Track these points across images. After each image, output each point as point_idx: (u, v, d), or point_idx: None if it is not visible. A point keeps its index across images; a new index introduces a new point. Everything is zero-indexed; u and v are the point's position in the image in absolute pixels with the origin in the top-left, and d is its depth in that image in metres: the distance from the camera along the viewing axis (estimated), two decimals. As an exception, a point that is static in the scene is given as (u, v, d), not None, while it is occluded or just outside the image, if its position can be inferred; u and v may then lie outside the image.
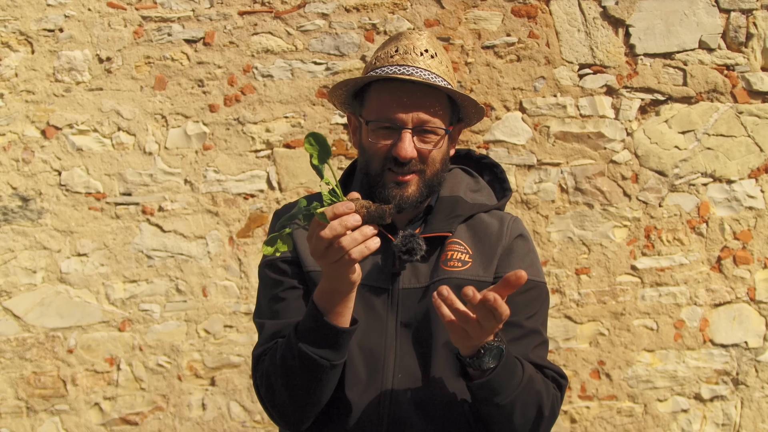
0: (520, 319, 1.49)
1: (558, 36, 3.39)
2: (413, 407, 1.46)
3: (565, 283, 3.43)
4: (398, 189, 1.49)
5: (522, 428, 1.42)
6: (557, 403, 1.48)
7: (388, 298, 1.51)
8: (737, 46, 3.42)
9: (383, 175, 1.49)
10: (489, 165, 1.73)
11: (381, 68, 1.49)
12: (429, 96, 1.48)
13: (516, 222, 1.61)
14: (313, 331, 1.36)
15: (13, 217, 3.30)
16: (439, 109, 1.49)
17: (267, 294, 1.57)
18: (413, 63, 1.48)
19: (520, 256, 1.56)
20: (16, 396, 3.33)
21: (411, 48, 1.50)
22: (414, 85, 1.46)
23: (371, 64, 1.54)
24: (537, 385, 1.43)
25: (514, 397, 1.37)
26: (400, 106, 1.46)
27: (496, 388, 1.34)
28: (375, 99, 1.50)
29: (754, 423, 3.55)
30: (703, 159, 3.46)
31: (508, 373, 1.35)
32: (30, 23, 3.28)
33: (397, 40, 1.53)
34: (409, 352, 1.48)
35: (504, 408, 1.37)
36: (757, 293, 3.51)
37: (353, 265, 1.28)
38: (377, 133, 1.49)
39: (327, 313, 1.35)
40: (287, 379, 1.40)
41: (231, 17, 3.33)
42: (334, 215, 1.23)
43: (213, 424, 3.40)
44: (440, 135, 1.49)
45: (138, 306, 3.35)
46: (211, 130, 3.34)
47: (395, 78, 1.46)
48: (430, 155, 1.49)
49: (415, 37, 1.53)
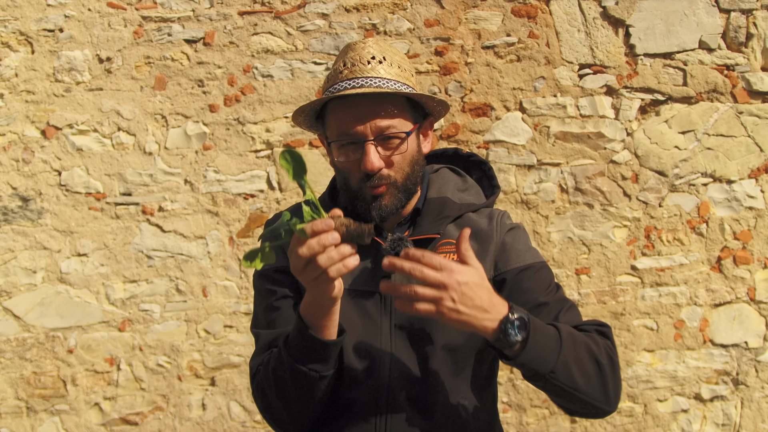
0: (542, 297, 1.49)
1: (558, 36, 3.39)
2: (410, 407, 1.47)
3: (565, 283, 3.43)
4: (375, 201, 1.49)
5: (588, 387, 1.36)
6: (611, 350, 1.42)
7: (381, 301, 1.51)
8: (737, 46, 3.42)
9: (362, 190, 1.49)
10: (477, 163, 1.73)
11: (333, 86, 1.49)
12: (384, 102, 1.47)
13: (504, 216, 1.62)
14: (300, 345, 1.36)
15: (13, 217, 3.30)
16: (397, 112, 1.48)
17: (262, 303, 1.58)
18: (362, 74, 1.48)
19: (516, 245, 1.56)
20: (16, 396, 3.33)
21: (357, 59, 1.49)
22: (365, 97, 1.46)
23: (325, 83, 1.54)
24: (581, 339, 1.38)
25: (564, 359, 1.33)
26: (356, 120, 1.45)
27: (538, 357, 1.31)
28: (332, 118, 1.50)
29: (754, 423, 3.55)
30: (703, 159, 3.46)
31: (543, 338, 1.32)
32: (30, 23, 3.28)
33: (344, 54, 1.53)
34: (405, 354, 1.49)
35: (559, 375, 1.33)
36: (757, 293, 3.51)
37: (332, 282, 1.28)
38: (342, 151, 1.49)
39: (312, 326, 1.35)
40: (280, 390, 1.42)
41: (231, 17, 3.33)
42: (312, 233, 1.23)
43: (213, 424, 3.40)
44: (403, 138, 1.49)
45: (138, 306, 3.35)
46: (211, 130, 3.34)
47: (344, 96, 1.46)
48: (397, 161, 1.49)
49: (359, 47, 1.52)
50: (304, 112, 1.55)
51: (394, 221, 1.57)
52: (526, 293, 1.49)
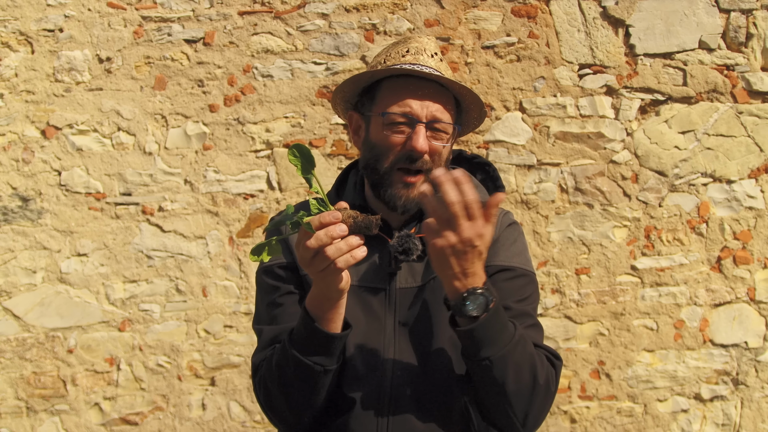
0: (509, 302, 1.48)
1: (558, 36, 3.39)
2: (413, 404, 1.47)
3: (565, 283, 3.43)
4: (405, 189, 1.50)
5: (516, 396, 1.36)
6: (552, 379, 1.42)
7: (386, 297, 1.52)
8: (737, 46, 3.42)
9: (392, 173, 1.50)
10: (481, 164, 1.74)
11: (393, 66, 1.51)
12: (441, 94, 1.51)
13: (506, 215, 1.63)
14: (306, 338, 1.37)
15: (13, 217, 3.30)
16: (449, 108, 1.52)
17: (264, 300, 1.59)
18: (425, 63, 1.51)
19: (506, 243, 1.57)
20: (16, 396, 3.33)
21: (422, 49, 1.53)
22: (428, 82, 1.49)
23: (380, 63, 1.56)
24: (530, 349, 1.38)
25: (505, 353, 1.33)
26: (415, 101, 1.48)
27: (482, 338, 1.32)
28: (389, 93, 1.51)
29: (754, 423, 3.55)
30: (703, 159, 3.46)
31: (497, 325, 1.33)
32: (30, 23, 3.28)
33: (407, 42, 1.56)
34: (407, 350, 1.49)
35: (494, 366, 1.33)
36: (757, 293, 3.51)
37: (339, 273, 1.29)
38: (391, 128, 1.50)
39: (318, 319, 1.36)
40: (283, 385, 1.42)
41: (231, 17, 3.33)
42: (320, 225, 1.25)
43: (213, 424, 3.40)
44: (450, 133, 1.52)
45: (138, 306, 3.35)
46: (211, 130, 3.34)
47: (410, 74, 1.48)
48: (440, 153, 1.50)
49: (424, 40, 1.56)
50: (361, 80, 1.55)
51: (400, 218, 1.58)
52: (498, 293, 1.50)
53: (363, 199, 1.60)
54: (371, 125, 1.54)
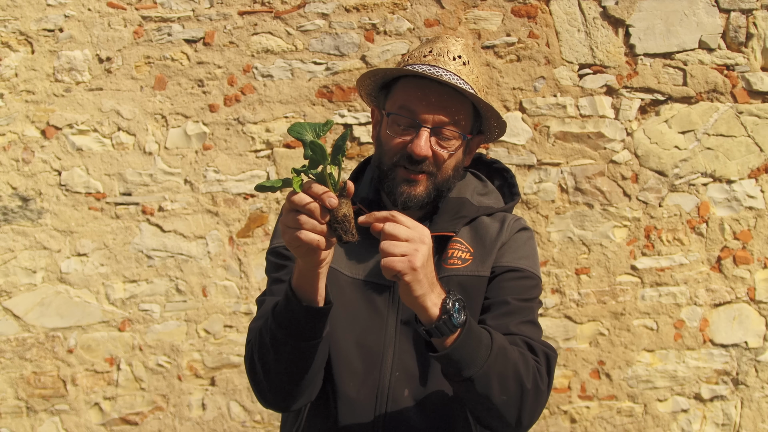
0: (507, 297, 1.48)
1: (558, 36, 3.39)
2: (411, 404, 1.47)
3: (565, 283, 3.43)
4: (407, 186, 1.50)
5: (505, 407, 1.35)
6: (540, 377, 1.40)
7: (390, 295, 1.52)
8: (737, 46, 3.42)
9: (395, 170, 1.50)
10: (500, 170, 1.74)
11: (413, 65, 1.51)
12: (454, 100, 1.49)
13: (518, 220, 1.62)
14: (283, 309, 1.37)
15: (13, 217, 3.30)
16: (463, 116, 1.50)
17: (271, 277, 1.60)
18: (444, 66, 1.50)
19: (515, 246, 1.57)
20: (16, 396, 3.33)
21: (445, 51, 1.52)
22: (441, 87, 1.47)
23: (404, 61, 1.56)
24: (512, 356, 1.36)
25: (486, 369, 1.31)
26: (423, 104, 1.47)
27: (460, 359, 1.30)
28: (401, 93, 1.51)
29: (754, 423, 3.55)
30: (703, 159, 3.46)
31: (472, 342, 1.30)
32: (30, 23, 3.28)
33: (433, 42, 1.55)
34: (408, 350, 1.49)
35: (478, 383, 1.31)
36: (757, 293, 3.51)
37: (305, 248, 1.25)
38: (395, 128, 1.50)
39: (297, 291, 1.34)
40: (262, 356, 1.42)
41: (231, 17, 3.33)
42: (309, 190, 1.22)
43: (213, 424, 3.40)
44: (457, 141, 1.50)
45: (138, 306, 3.35)
46: (211, 130, 3.34)
47: (424, 76, 1.47)
48: (444, 160, 1.50)
49: (451, 42, 1.54)
50: (375, 76, 1.56)
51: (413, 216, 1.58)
52: (500, 291, 1.50)
53: (377, 194, 1.60)
54: (383, 122, 1.55)
